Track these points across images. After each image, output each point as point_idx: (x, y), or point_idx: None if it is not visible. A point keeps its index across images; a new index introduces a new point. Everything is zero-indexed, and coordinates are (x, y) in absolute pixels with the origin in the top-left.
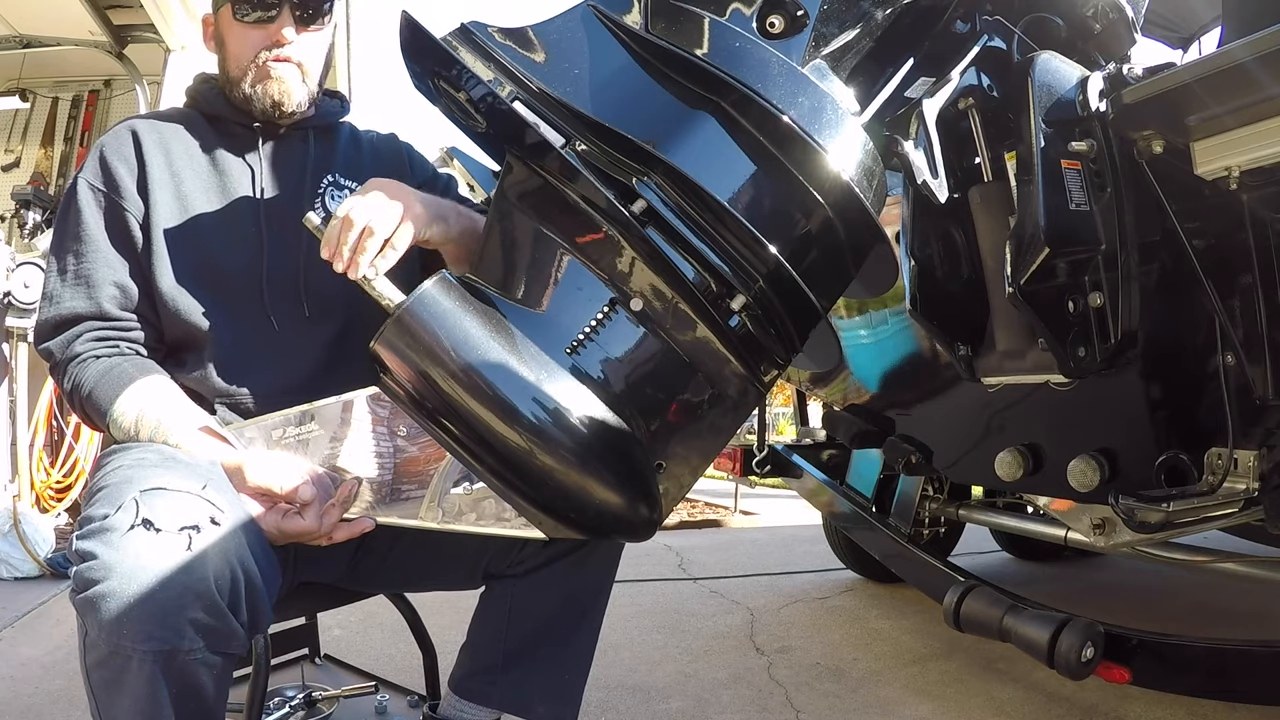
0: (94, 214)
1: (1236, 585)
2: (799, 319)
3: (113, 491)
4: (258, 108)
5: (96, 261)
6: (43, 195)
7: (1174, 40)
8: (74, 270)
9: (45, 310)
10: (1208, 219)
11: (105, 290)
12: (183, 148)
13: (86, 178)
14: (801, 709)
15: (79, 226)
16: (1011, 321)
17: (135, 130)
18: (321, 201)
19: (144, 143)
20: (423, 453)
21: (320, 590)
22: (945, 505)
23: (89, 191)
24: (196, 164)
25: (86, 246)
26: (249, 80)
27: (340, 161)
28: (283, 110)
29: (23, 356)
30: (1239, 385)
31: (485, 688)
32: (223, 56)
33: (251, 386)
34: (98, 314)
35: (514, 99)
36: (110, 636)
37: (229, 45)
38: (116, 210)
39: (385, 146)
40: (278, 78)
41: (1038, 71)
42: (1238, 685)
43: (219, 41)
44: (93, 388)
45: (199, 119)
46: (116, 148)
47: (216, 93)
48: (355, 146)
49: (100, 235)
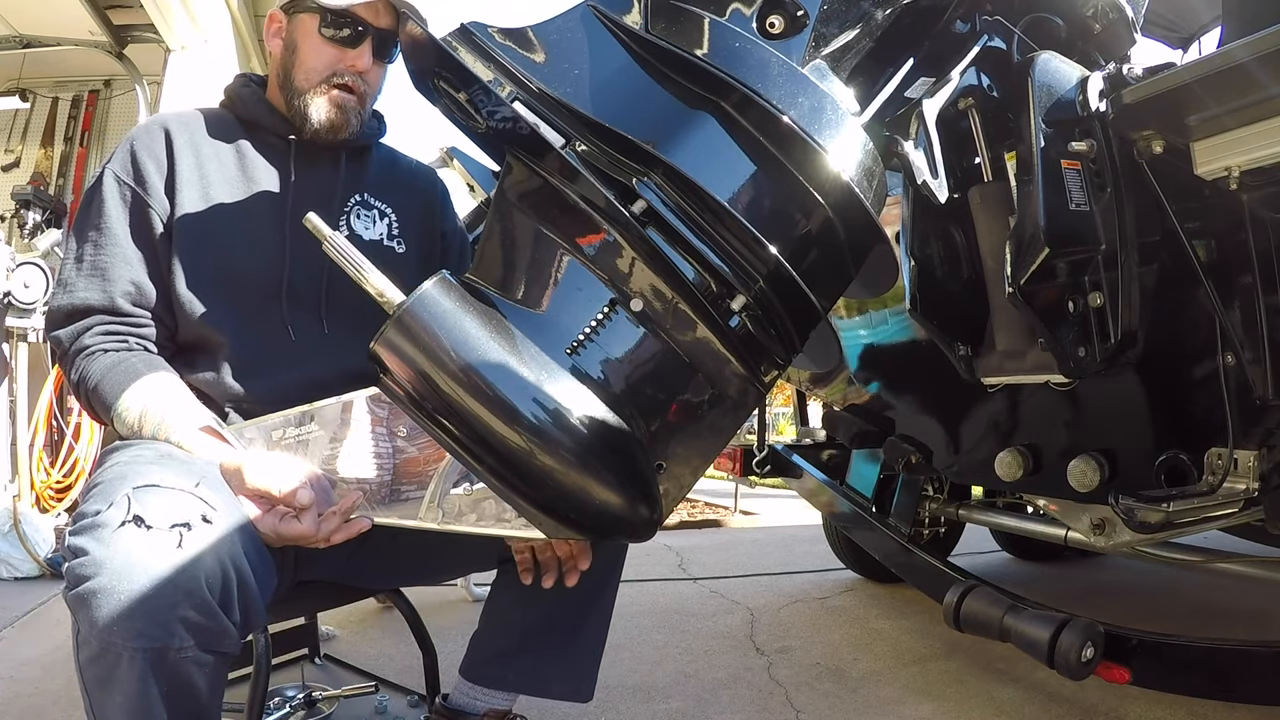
0: (118, 207)
1: (1236, 585)
2: (799, 319)
3: (106, 488)
4: (310, 125)
5: (114, 254)
6: (43, 195)
7: (1174, 40)
8: (91, 260)
9: (58, 297)
10: (1208, 219)
11: (119, 285)
12: (214, 151)
13: (115, 169)
14: (801, 709)
15: (101, 217)
16: (1011, 321)
17: (168, 128)
18: (346, 220)
19: (175, 142)
20: (422, 453)
21: (320, 589)
22: (945, 505)
23: (115, 184)
24: (226, 169)
25: (105, 238)
26: (315, 95)
27: (371, 182)
28: (334, 137)
29: (23, 356)
30: (1239, 385)
31: (500, 671)
32: (290, 61)
33: (262, 393)
34: (110, 307)
35: (514, 99)
36: (101, 634)
37: (303, 54)
38: (141, 206)
39: (423, 178)
40: (343, 107)
41: (1038, 71)
42: (1238, 685)
43: (290, 46)
44: (99, 381)
45: (234, 123)
46: (148, 144)
47: (258, 98)
48: (390, 168)
49: (122, 229)
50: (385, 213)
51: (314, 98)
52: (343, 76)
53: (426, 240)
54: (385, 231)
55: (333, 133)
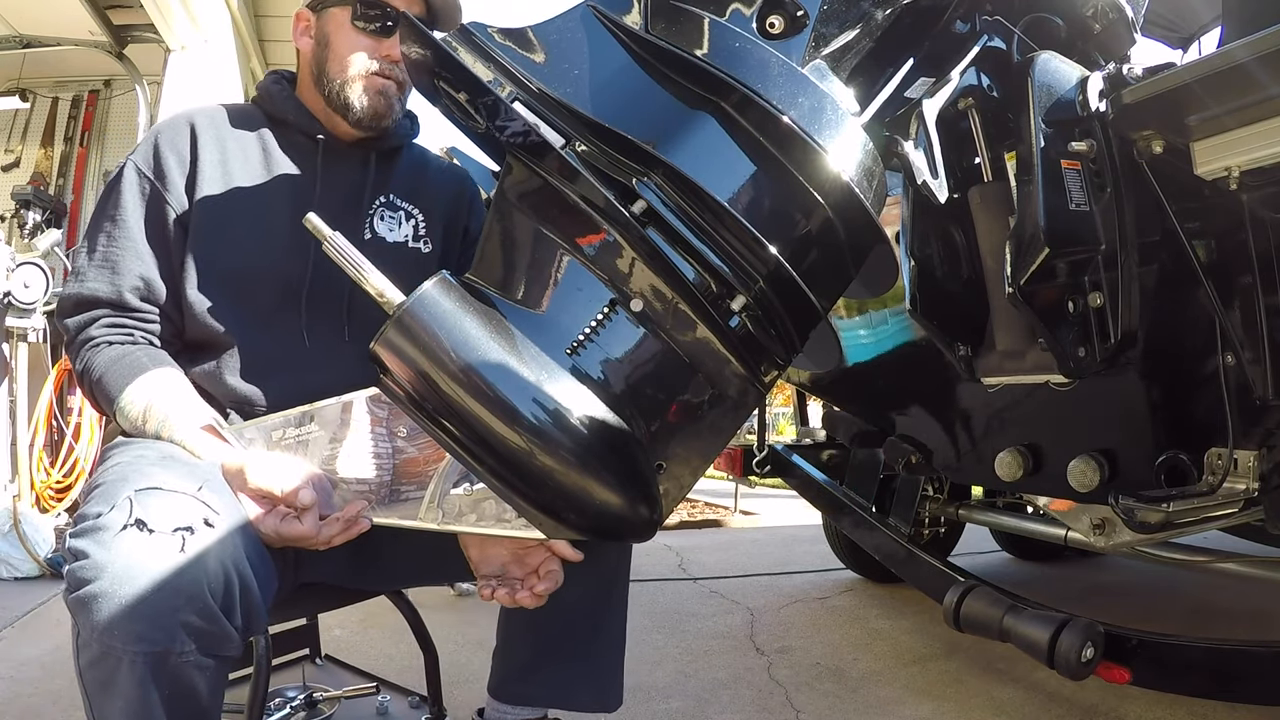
0: (135, 200)
1: (1236, 585)
2: (799, 319)
3: (108, 489)
4: (354, 113)
5: (126, 249)
6: (43, 195)
7: (1174, 40)
8: (103, 251)
9: (70, 285)
10: (1208, 219)
11: (128, 279)
12: (239, 147)
13: (137, 162)
14: (801, 709)
15: (118, 209)
16: (1011, 321)
17: (194, 124)
18: (370, 222)
19: (200, 138)
20: (422, 453)
21: (322, 591)
22: (945, 505)
23: (136, 176)
24: (251, 166)
25: (120, 230)
26: (356, 86)
27: (398, 183)
28: (379, 125)
29: (23, 356)
30: (1239, 385)
31: (526, 688)
32: (323, 56)
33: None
34: (117, 301)
35: (514, 99)
36: (101, 637)
37: (337, 46)
38: (159, 202)
39: (453, 178)
40: (386, 93)
41: (1038, 71)
42: (1238, 685)
43: (322, 41)
44: (103, 373)
45: (262, 120)
46: (172, 139)
47: (287, 95)
48: (420, 169)
49: (137, 224)
50: (412, 214)
51: (353, 86)
52: (380, 65)
53: (452, 239)
54: (411, 233)
55: (376, 120)
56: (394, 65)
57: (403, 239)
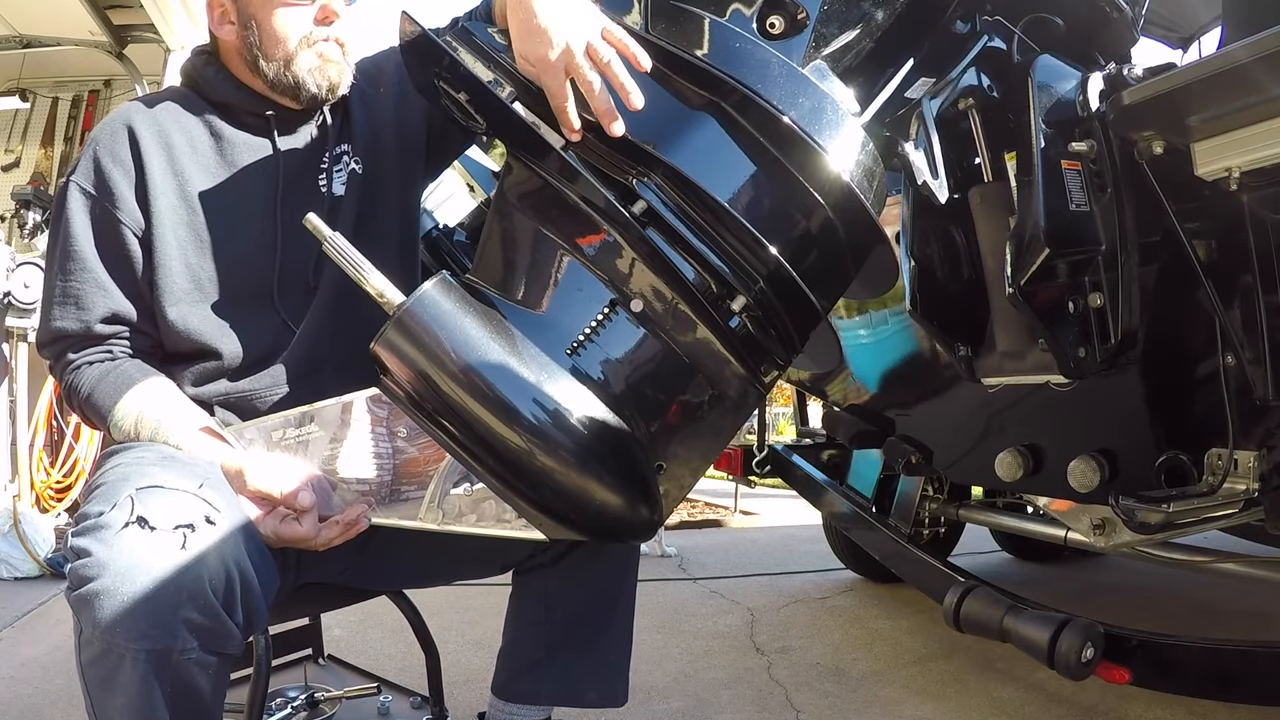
0: (84, 225)
1: (1236, 585)
2: (799, 320)
3: (109, 489)
4: (307, 93)
5: (85, 280)
6: (43, 195)
7: (1174, 40)
8: (62, 288)
9: (42, 318)
10: (1208, 219)
11: (95, 312)
12: (186, 141)
13: (78, 181)
14: (801, 709)
15: (69, 241)
16: (1011, 322)
17: (132, 126)
18: (328, 178)
19: (142, 142)
20: (422, 454)
21: (323, 591)
22: (945, 505)
23: (81, 197)
24: (203, 159)
25: (74, 263)
26: (301, 62)
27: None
28: (334, 93)
29: (23, 356)
30: (1239, 385)
31: (532, 686)
32: (254, 39)
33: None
34: (86, 334)
35: (514, 100)
36: (103, 635)
37: (268, 26)
38: (110, 222)
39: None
40: (333, 60)
41: (1038, 72)
42: (1238, 685)
43: (247, 24)
44: (91, 390)
45: (203, 105)
46: (111, 148)
47: (222, 77)
48: (364, 99)
49: (90, 252)
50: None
51: (299, 62)
52: (319, 30)
53: (406, 154)
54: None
55: (333, 92)
56: (333, 25)
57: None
